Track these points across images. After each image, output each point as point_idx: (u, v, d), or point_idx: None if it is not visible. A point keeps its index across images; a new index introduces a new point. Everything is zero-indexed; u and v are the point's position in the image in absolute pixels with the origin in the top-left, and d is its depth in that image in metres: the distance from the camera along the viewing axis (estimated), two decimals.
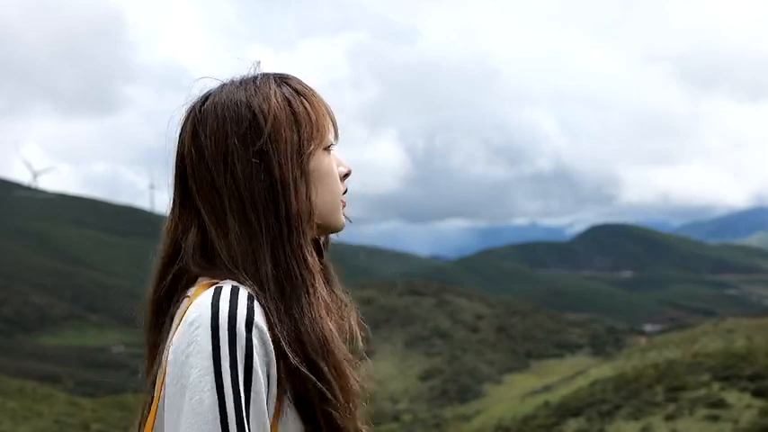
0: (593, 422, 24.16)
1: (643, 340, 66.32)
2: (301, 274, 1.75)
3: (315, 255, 1.80)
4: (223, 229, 1.76)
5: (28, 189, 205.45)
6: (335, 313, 1.82)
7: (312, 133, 1.84)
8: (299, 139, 1.81)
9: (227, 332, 1.60)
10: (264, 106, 1.82)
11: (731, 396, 23.29)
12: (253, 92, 1.84)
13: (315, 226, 1.81)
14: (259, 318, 1.65)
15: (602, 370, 41.36)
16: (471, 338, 71.99)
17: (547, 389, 45.31)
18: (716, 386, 24.19)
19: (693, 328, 53.99)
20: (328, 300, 1.79)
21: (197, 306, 1.64)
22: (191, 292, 1.72)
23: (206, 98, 1.86)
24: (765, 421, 21.08)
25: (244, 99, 1.83)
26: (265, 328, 1.65)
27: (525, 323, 75.67)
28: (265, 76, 1.88)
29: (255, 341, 1.63)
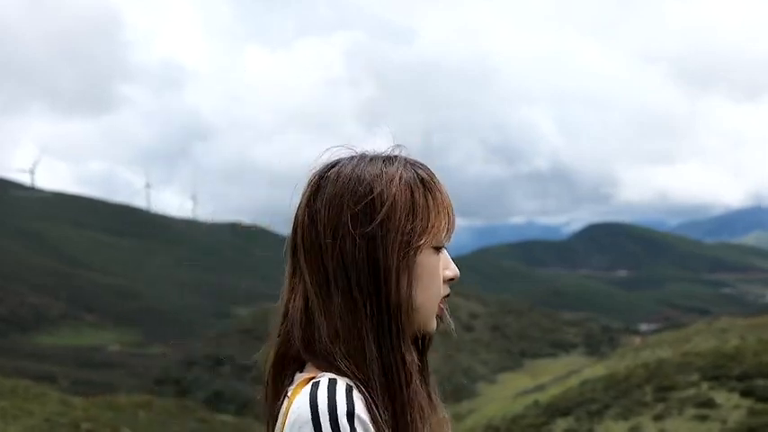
0: (582, 422, 24.19)
1: (637, 340, 66.42)
2: (399, 371, 1.72)
3: (414, 353, 1.78)
4: (326, 300, 1.79)
5: (24, 188, 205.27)
6: (427, 419, 1.79)
7: (426, 228, 1.83)
8: (412, 230, 1.80)
9: (329, 426, 1.61)
10: (385, 190, 1.81)
11: (720, 396, 23.33)
12: (378, 172, 1.83)
13: (414, 322, 1.78)
14: (360, 409, 1.65)
15: (596, 369, 41.38)
16: (466, 337, 72.04)
17: (539, 388, 45.35)
18: (705, 386, 24.22)
19: (687, 328, 54.08)
20: (424, 404, 1.77)
21: (297, 405, 1.65)
22: (289, 390, 1.73)
23: (332, 166, 1.86)
24: (753, 421, 21.12)
25: (367, 177, 1.82)
26: (367, 420, 1.65)
27: (520, 322, 75.76)
28: (397, 158, 1.87)
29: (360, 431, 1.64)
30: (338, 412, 1.62)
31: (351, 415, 1.63)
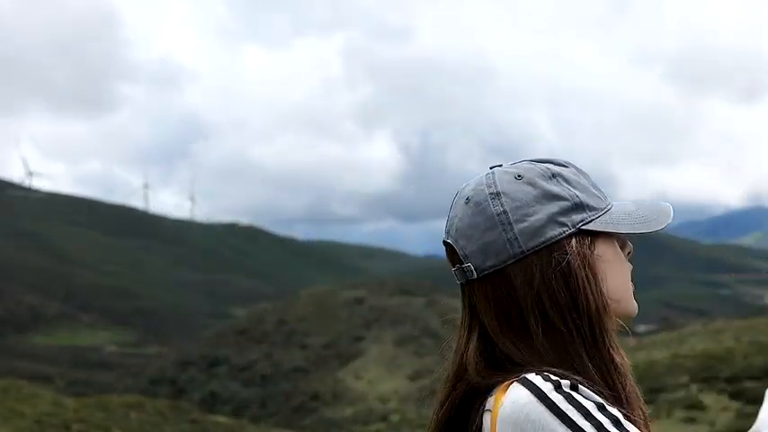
0: None
1: (633, 341, 66.37)
2: (613, 375, 1.71)
3: (622, 352, 1.76)
4: (520, 335, 1.73)
5: (21, 188, 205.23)
6: (647, 422, 1.77)
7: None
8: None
9: (556, 393, 1.58)
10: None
11: (708, 398, 23.31)
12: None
13: (615, 315, 1.77)
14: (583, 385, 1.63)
15: None
16: None
17: None
18: (694, 388, 24.20)
19: (683, 329, 54.07)
20: (643, 407, 1.76)
21: (510, 400, 1.60)
22: (489, 404, 1.66)
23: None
24: (741, 424, 21.10)
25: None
26: (593, 393, 1.62)
27: None
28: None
29: (589, 392, 1.61)
30: (561, 383, 1.60)
31: (575, 386, 1.61)
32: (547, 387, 1.59)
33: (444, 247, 1.90)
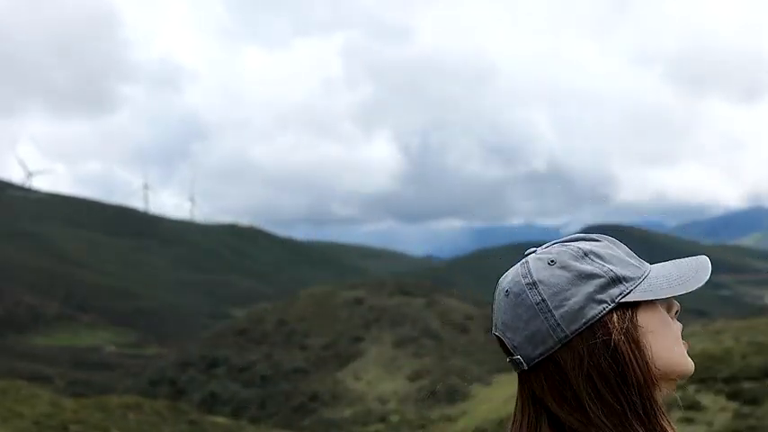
0: None
1: None
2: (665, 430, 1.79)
3: (668, 419, 1.83)
4: (580, 414, 1.79)
5: (21, 189, 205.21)
6: None
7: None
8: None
9: None
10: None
11: (706, 398, 23.30)
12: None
13: (660, 385, 1.84)
14: None
15: None
16: (460, 339, 72.00)
17: None
18: (691, 388, 24.17)
19: (682, 330, 53.81)
20: None
21: None
22: None
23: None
24: (739, 424, 21.09)
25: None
26: None
27: None
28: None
29: None
30: None
31: None
32: None
33: (496, 340, 2.04)
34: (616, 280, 1.85)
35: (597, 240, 1.96)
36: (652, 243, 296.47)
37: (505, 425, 1.98)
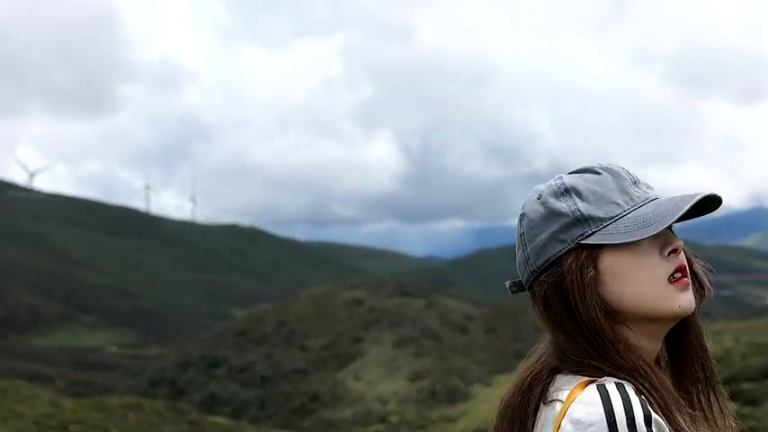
0: None
1: None
2: (636, 374, 1.80)
3: (642, 358, 1.85)
4: (555, 342, 1.93)
5: (22, 189, 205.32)
6: (697, 420, 1.87)
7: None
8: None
9: (626, 428, 1.66)
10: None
11: None
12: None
13: (629, 325, 1.86)
14: (656, 414, 1.71)
15: None
16: (460, 340, 72.00)
17: None
18: None
19: None
20: (679, 402, 1.83)
21: (583, 405, 1.72)
22: (561, 395, 1.82)
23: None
24: (739, 425, 21.02)
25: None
26: (663, 423, 1.72)
27: (515, 324, 75.67)
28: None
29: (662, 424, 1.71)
30: (635, 415, 1.67)
31: (648, 418, 1.68)
32: (620, 417, 1.67)
33: None
34: (581, 220, 1.88)
35: (598, 173, 1.96)
36: None
37: None
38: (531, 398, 1.93)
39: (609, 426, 1.66)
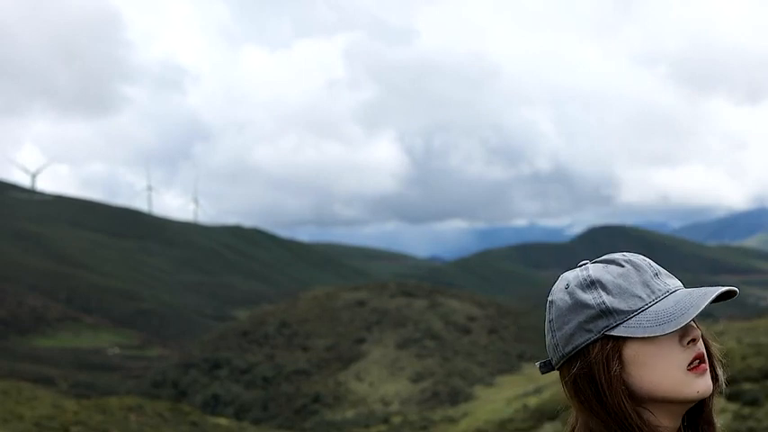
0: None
1: None
2: None
3: (662, 430, 2.15)
4: (591, 411, 2.17)
5: (25, 190, 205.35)
6: None
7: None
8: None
9: None
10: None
11: None
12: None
13: (650, 408, 2.14)
14: None
15: None
16: (463, 340, 71.92)
17: (537, 391, 45.21)
18: None
19: None
20: None
21: None
22: None
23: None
24: (739, 425, 21.03)
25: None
26: None
27: (517, 325, 75.67)
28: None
29: None
30: None
31: None
32: None
33: None
34: (606, 312, 2.12)
35: (622, 266, 2.19)
36: (656, 244, 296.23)
37: None
38: None
39: None
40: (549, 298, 2.22)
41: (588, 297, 2.15)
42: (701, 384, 2.13)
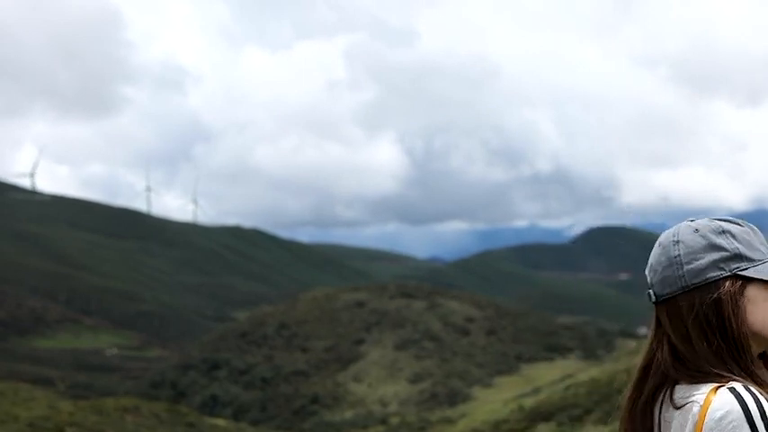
0: (564, 426, 24.03)
1: (633, 343, 66.18)
2: (754, 375, 2.46)
3: (757, 366, 2.51)
4: (691, 349, 2.49)
5: (24, 191, 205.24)
6: None
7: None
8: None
9: (761, 421, 2.31)
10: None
11: None
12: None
13: (753, 341, 2.51)
14: None
15: (591, 373, 41.24)
16: (461, 341, 71.89)
17: (535, 392, 45.20)
18: None
19: None
20: None
21: (722, 403, 2.35)
22: (698, 398, 2.41)
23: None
24: None
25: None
26: None
27: (516, 326, 75.61)
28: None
29: None
30: (765, 409, 2.33)
31: None
32: (754, 410, 2.32)
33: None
34: (738, 257, 2.52)
35: (740, 225, 2.64)
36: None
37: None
38: (655, 407, 2.52)
39: (746, 418, 2.29)
40: (674, 238, 2.58)
41: (723, 241, 2.55)
42: None
